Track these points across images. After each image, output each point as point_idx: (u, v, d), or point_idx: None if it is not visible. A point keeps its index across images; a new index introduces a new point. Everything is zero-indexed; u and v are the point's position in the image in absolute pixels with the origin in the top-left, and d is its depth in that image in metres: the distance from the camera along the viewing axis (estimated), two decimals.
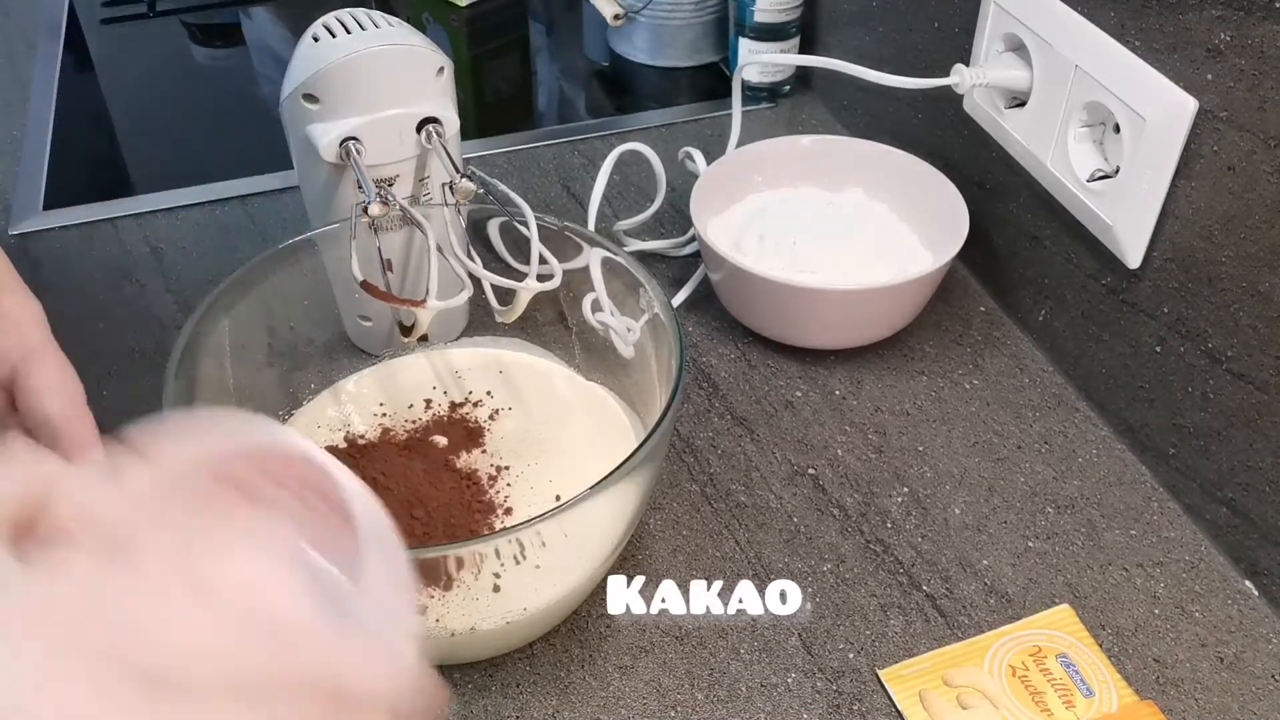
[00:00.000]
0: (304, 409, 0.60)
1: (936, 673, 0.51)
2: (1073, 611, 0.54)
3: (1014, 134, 0.66)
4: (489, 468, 0.56)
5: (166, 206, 0.83)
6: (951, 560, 0.58)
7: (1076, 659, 0.51)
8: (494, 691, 0.53)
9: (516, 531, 0.44)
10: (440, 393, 0.61)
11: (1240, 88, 0.51)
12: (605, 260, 0.57)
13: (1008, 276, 0.72)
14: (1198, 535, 0.59)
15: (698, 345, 0.71)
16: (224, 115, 0.98)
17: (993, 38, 0.67)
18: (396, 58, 0.57)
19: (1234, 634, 0.55)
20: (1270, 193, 0.51)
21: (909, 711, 0.50)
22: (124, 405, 0.68)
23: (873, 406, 0.67)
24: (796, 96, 0.95)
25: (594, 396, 0.61)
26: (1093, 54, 0.59)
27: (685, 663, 0.54)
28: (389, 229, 0.60)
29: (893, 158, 0.74)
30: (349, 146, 0.57)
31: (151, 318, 0.73)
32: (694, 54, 1.01)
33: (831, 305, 0.66)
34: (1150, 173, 0.56)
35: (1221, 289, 0.55)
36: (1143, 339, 0.61)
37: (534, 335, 0.64)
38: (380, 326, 0.63)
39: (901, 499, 0.61)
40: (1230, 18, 0.51)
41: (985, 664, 0.52)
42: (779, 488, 0.62)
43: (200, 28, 1.12)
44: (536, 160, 0.88)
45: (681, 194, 0.81)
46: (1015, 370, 0.69)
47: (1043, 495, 0.61)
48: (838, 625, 0.55)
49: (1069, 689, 0.50)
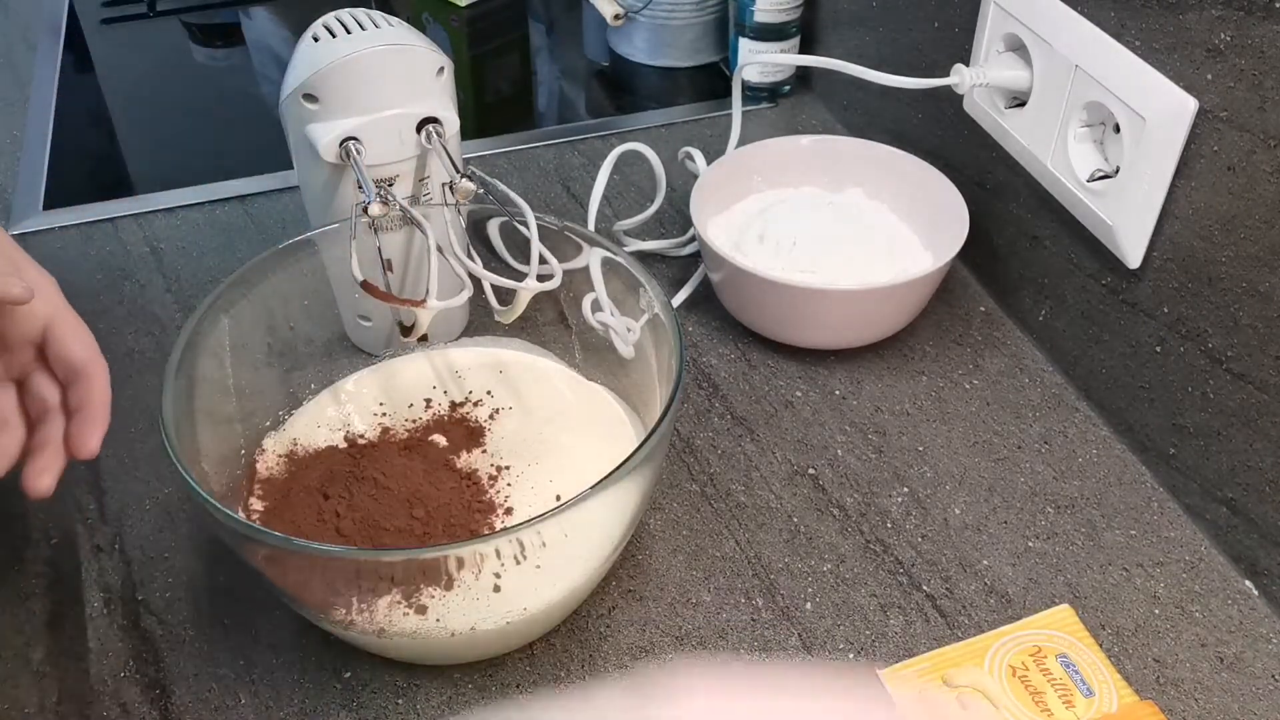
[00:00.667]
0: (304, 409, 0.60)
1: (936, 672, 0.51)
2: (1073, 611, 0.54)
3: (1014, 134, 0.66)
4: (489, 468, 0.56)
5: (166, 206, 0.83)
6: (951, 560, 0.58)
7: (1076, 659, 0.51)
8: (494, 691, 0.53)
9: (517, 531, 0.44)
10: (440, 392, 0.61)
11: (1240, 88, 0.51)
12: (605, 260, 0.58)
13: (1008, 276, 0.72)
14: (1198, 535, 0.59)
15: (698, 345, 0.71)
16: (224, 115, 0.98)
17: (993, 38, 0.67)
18: (396, 58, 0.57)
19: (1234, 634, 0.55)
20: (1270, 193, 0.51)
21: (908, 711, 0.50)
22: (124, 405, 0.69)
23: (873, 406, 0.67)
24: (796, 96, 0.95)
25: (594, 396, 0.61)
26: (1093, 54, 0.59)
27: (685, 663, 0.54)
28: (389, 229, 0.60)
29: (893, 158, 0.74)
30: (349, 146, 0.57)
31: (151, 318, 0.73)
32: (694, 54, 1.01)
33: (831, 305, 0.66)
34: (1150, 173, 0.56)
35: (1221, 289, 0.55)
36: (1143, 339, 0.61)
37: (534, 335, 0.64)
38: (380, 326, 0.63)
39: (901, 499, 0.61)
40: (1230, 18, 0.51)
41: (985, 664, 0.52)
42: (779, 488, 0.62)
43: (200, 28, 1.12)
44: (536, 160, 0.88)
45: (681, 194, 0.81)
46: (1015, 370, 0.69)
47: (1043, 495, 0.61)
48: (838, 625, 0.55)
49: (1069, 689, 0.50)
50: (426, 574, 0.46)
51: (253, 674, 0.53)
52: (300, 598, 0.49)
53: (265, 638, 0.55)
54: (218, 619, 0.56)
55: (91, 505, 0.61)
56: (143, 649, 0.54)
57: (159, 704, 0.52)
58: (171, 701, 0.52)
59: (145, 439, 0.65)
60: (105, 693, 0.53)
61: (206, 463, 0.51)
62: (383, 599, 0.46)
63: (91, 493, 0.62)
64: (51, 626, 0.55)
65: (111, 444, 0.64)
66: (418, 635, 0.48)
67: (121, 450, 0.64)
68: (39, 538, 0.60)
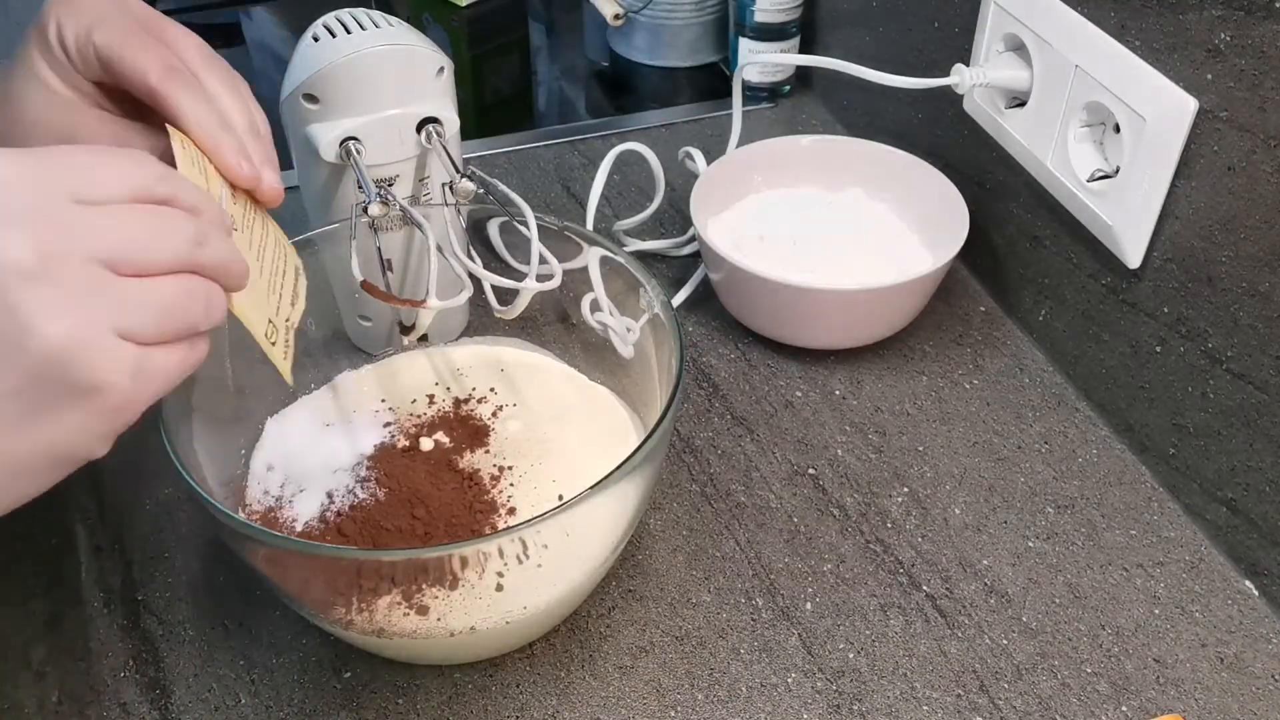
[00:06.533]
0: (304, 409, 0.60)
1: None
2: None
3: (1014, 134, 0.66)
4: (491, 468, 0.56)
5: None
6: (951, 560, 0.58)
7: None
8: (494, 691, 0.53)
9: (520, 530, 0.44)
10: (443, 389, 0.61)
11: (1240, 88, 0.51)
12: (604, 260, 0.57)
13: (1008, 276, 0.72)
14: (1198, 535, 0.59)
15: (698, 345, 0.71)
16: None
17: (993, 38, 0.67)
18: (396, 58, 0.57)
19: (1234, 634, 0.55)
20: (1270, 193, 0.51)
21: None
22: None
23: (873, 406, 0.67)
24: (796, 96, 0.95)
25: (595, 396, 0.61)
26: (1093, 54, 0.59)
27: (685, 663, 0.54)
28: (389, 229, 0.60)
29: (893, 158, 0.74)
30: (349, 146, 0.57)
31: None
32: (694, 54, 1.01)
33: (831, 305, 0.66)
34: (1150, 173, 0.56)
35: (1221, 289, 0.55)
36: (1143, 339, 0.61)
37: (535, 335, 0.64)
38: (380, 326, 0.63)
39: (901, 499, 0.61)
40: (1230, 18, 0.51)
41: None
42: (779, 488, 0.62)
43: (200, 28, 1.11)
44: (536, 160, 0.88)
45: (681, 194, 0.81)
46: (1015, 370, 0.69)
47: (1043, 495, 0.61)
48: (838, 625, 0.55)
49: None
50: (429, 574, 0.46)
51: (253, 674, 0.53)
52: (300, 598, 0.49)
53: (265, 638, 0.55)
54: (218, 619, 0.56)
55: (91, 505, 0.61)
56: (143, 649, 0.54)
57: (159, 704, 0.52)
58: (171, 701, 0.52)
59: (145, 439, 0.65)
60: (105, 693, 0.53)
61: (206, 463, 0.51)
62: (383, 599, 0.46)
63: (91, 493, 0.62)
64: (51, 626, 0.55)
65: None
66: (418, 635, 0.48)
67: (121, 450, 0.64)
68: (39, 538, 0.60)
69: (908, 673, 0.53)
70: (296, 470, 0.56)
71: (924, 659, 0.54)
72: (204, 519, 0.59)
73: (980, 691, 0.52)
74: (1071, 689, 0.52)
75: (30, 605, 0.56)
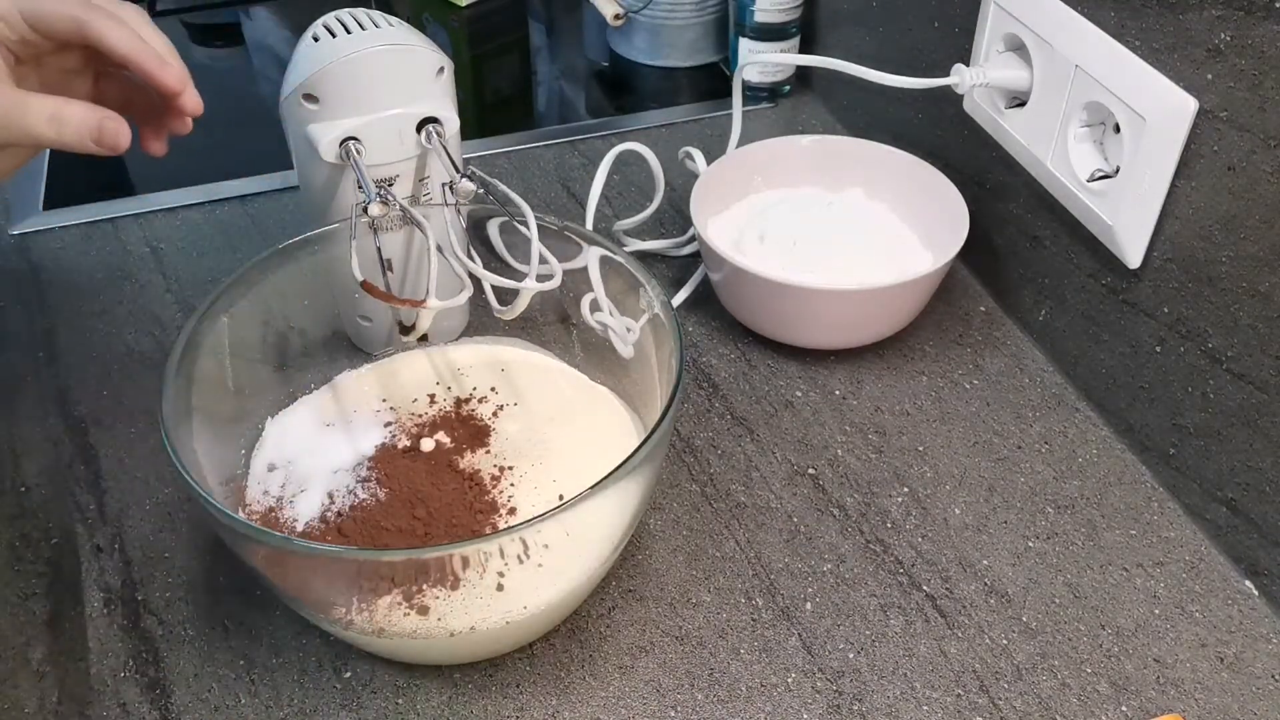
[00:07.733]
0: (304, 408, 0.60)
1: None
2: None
3: (1014, 134, 0.66)
4: (492, 468, 0.56)
5: (166, 206, 0.83)
6: (951, 560, 0.58)
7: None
8: (494, 691, 0.53)
9: (520, 530, 0.44)
10: (444, 389, 0.61)
11: (1240, 88, 0.51)
12: (604, 260, 0.57)
13: (1008, 276, 0.72)
14: (1198, 535, 0.59)
15: (698, 345, 0.71)
16: (224, 115, 0.97)
17: (993, 38, 0.67)
18: (396, 58, 0.57)
19: (1234, 634, 0.55)
20: (1270, 193, 0.51)
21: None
22: (124, 405, 0.69)
23: (873, 406, 0.67)
24: (796, 96, 0.95)
25: (596, 396, 0.61)
26: (1093, 54, 0.59)
27: (685, 663, 0.54)
28: (389, 229, 0.60)
29: (893, 158, 0.74)
30: (349, 146, 0.57)
31: (152, 318, 0.73)
32: (694, 54, 1.01)
33: (831, 305, 0.66)
34: (1150, 173, 0.56)
35: (1221, 289, 0.55)
36: (1143, 339, 0.61)
37: (535, 335, 0.64)
38: (380, 326, 0.63)
39: (901, 499, 0.61)
40: (1230, 18, 0.51)
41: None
42: (779, 488, 0.62)
43: (200, 28, 1.12)
44: (536, 160, 0.88)
45: (681, 194, 0.81)
46: (1015, 370, 0.69)
47: (1043, 495, 0.61)
48: (838, 625, 0.55)
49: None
50: (429, 574, 0.46)
51: (253, 674, 0.53)
52: (300, 598, 0.49)
53: (265, 638, 0.55)
54: (218, 619, 0.56)
55: (91, 505, 0.61)
56: (143, 649, 0.54)
57: (159, 704, 0.52)
58: (171, 701, 0.52)
59: (145, 439, 0.65)
60: (105, 693, 0.53)
61: (206, 463, 0.51)
62: (383, 599, 0.46)
63: (91, 493, 0.62)
64: (51, 626, 0.55)
65: (111, 444, 0.64)
66: (418, 635, 0.48)
67: (121, 450, 0.64)
68: (39, 538, 0.60)
69: (908, 673, 0.53)
70: (297, 470, 0.56)
71: (924, 659, 0.54)
72: (204, 519, 0.59)
73: (980, 691, 0.52)
74: (1071, 689, 0.52)
75: (30, 605, 0.56)
